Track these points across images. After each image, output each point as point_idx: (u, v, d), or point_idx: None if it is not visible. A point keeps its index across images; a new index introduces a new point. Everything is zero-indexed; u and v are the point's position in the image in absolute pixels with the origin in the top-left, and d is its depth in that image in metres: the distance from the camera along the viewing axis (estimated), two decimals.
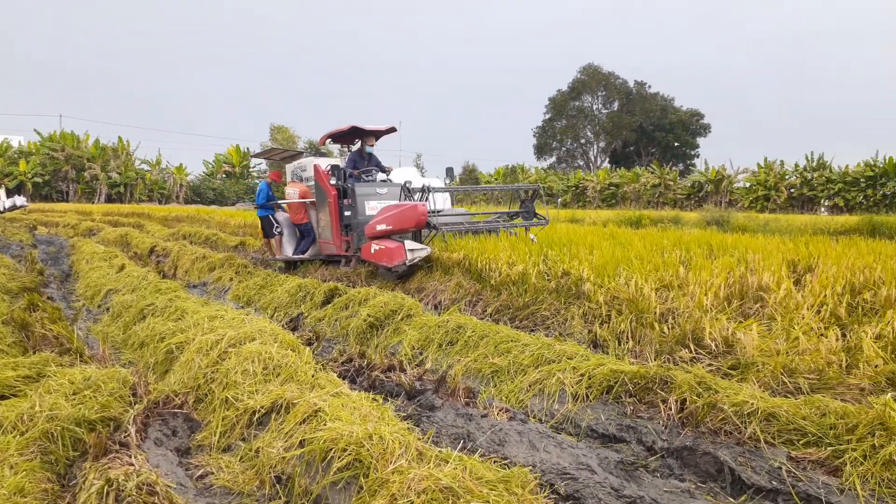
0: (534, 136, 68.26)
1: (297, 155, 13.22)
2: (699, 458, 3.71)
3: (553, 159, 67.46)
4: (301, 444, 3.54)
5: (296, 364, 4.63)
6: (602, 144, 65.59)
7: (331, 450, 3.27)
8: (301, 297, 8.70)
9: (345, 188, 10.92)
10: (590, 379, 4.65)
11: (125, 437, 3.68)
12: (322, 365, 5.16)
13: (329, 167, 11.33)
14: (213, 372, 4.75)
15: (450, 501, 2.61)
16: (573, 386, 4.63)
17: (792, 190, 34.24)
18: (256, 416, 4.10)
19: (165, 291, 8.41)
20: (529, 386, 4.89)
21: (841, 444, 3.43)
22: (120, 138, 50.83)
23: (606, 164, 62.24)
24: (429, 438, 3.93)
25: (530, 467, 3.47)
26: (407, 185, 10.08)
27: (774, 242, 9.85)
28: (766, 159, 36.18)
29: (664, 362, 5.11)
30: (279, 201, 12.82)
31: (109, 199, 48.05)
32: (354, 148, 12.57)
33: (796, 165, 34.71)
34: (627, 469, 3.52)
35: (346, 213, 10.79)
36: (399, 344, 6.44)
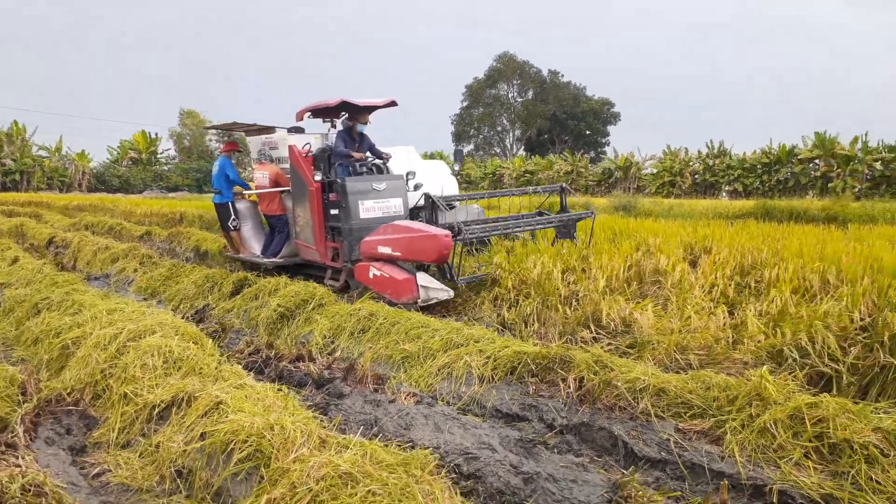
0: (452, 123, 68.60)
1: (267, 129, 10.05)
2: (595, 433, 3.88)
3: (471, 147, 68.02)
4: (202, 436, 3.48)
5: (198, 357, 4.53)
6: (518, 132, 66.62)
7: (232, 441, 3.24)
8: (208, 288, 8.47)
9: (331, 182, 8.38)
10: (495, 361, 4.77)
11: (12, 437, 3.52)
12: (227, 357, 5.07)
13: (308, 148, 8.88)
14: (111, 367, 4.58)
15: (349, 486, 2.65)
16: (480, 368, 4.74)
17: (696, 176, 35.88)
18: (157, 410, 4.00)
19: (63, 284, 7.99)
20: (438, 370, 4.97)
21: (723, 415, 3.67)
22: (15, 122, 47.60)
23: (522, 152, 63.30)
24: (335, 426, 3.94)
25: (433, 449, 3.54)
26: (426, 194, 7.93)
27: (675, 227, 10.35)
28: (669, 147, 37.77)
29: (566, 343, 5.30)
30: (248, 191, 10.39)
31: (4, 188, 45.06)
32: (339, 126, 9.79)
33: (699, 152, 36.37)
34: (527, 447, 3.65)
35: (333, 213, 8.34)
36: (310, 333, 6.39)
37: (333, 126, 9.73)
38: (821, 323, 4.74)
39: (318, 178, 8.46)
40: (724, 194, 35.26)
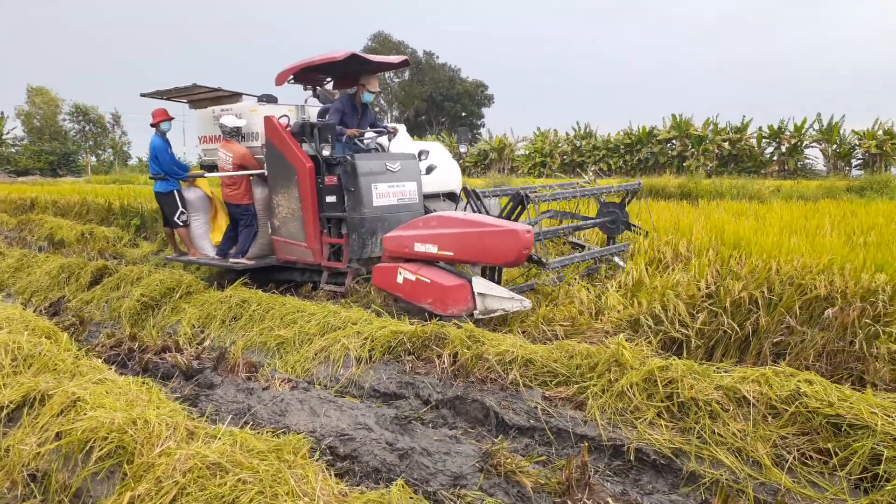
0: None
1: (231, 97, 7.99)
2: (469, 405, 4.01)
3: None
4: (58, 436, 3.26)
5: (52, 352, 4.23)
6: (396, 113, 66.50)
7: (91, 440, 3.06)
8: (64, 279, 7.89)
9: (332, 159, 6.72)
10: (373, 342, 4.80)
11: None
12: (86, 351, 4.77)
13: (287, 121, 7.27)
14: None
15: (217, 477, 2.58)
16: (357, 350, 4.75)
17: (564, 156, 37.42)
18: (5, 412, 3.70)
19: None
20: (315, 354, 4.92)
21: (585, 382, 3.89)
22: None
23: None
24: (205, 417, 3.82)
25: (309, 433, 3.53)
26: (466, 189, 6.28)
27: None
28: (539, 128, 39.14)
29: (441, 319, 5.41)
30: (208, 174, 7.98)
31: None
32: (325, 94, 8.19)
33: (567, 134, 37.92)
34: (402, 424, 3.71)
35: (329, 200, 6.84)
36: (178, 323, 6.13)
37: (317, 95, 8.36)
38: (672, 292, 5.13)
39: (325, 152, 6.57)
40: (590, 174, 37.02)
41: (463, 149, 8.33)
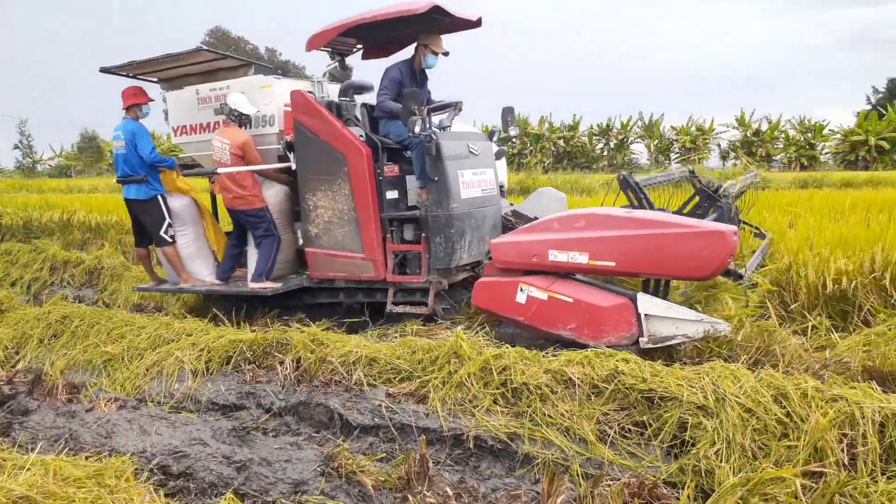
0: (164, 100, 63.39)
1: (237, 69, 6.33)
2: (313, 410, 3.96)
3: None
4: None
5: None
6: None
7: None
8: None
9: (405, 142, 5.55)
10: (209, 353, 4.60)
11: None
12: None
13: (322, 95, 5.96)
14: None
15: None
16: (193, 362, 4.53)
17: None
18: None
19: None
20: (147, 370, 4.64)
21: (426, 376, 3.98)
22: None
23: None
24: (17, 447, 3.49)
25: (138, 454, 3.32)
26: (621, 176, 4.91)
27: None
28: None
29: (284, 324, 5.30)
30: (225, 169, 5.80)
31: None
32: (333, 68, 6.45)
33: None
34: (240, 435, 3.60)
35: (390, 196, 5.58)
36: None
37: (344, 67, 6.49)
38: None
39: (417, 128, 5.03)
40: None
41: (513, 131, 6.64)
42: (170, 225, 6.19)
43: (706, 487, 2.92)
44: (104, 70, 6.31)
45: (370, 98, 6.07)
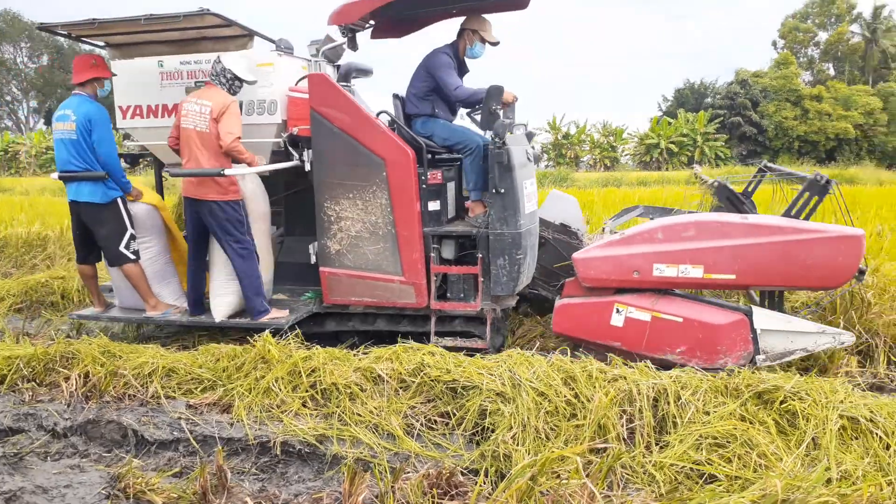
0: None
1: (233, 40, 4.93)
2: (104, 428, 3.64)
3: None
4: None
5: None
6: (34, 104, 57.59)
7: None
8: None
9: (456, 146, 4.94)
10: None
11: None
12: None
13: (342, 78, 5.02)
14: None
15: None
16: None
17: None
18: None
19: None
20: None
21: (231, 384, 3.81)
22: None
23: (42, 126, 55.02)
24: None
25: None
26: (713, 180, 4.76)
27: None
28: None
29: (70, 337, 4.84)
30: (202, 171, 4.51)
31: None
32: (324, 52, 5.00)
33: None
34: (12, 462, 3.22)
35: (432, 208, 4.77)
36: None
37: (354, 46, 5.18)
38: None
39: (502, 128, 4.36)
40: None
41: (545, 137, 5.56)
42: (132, 237, 4.83)
43: (505, 471, 3.07)
44: (42, 27, 4.88)
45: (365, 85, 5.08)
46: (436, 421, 3.48)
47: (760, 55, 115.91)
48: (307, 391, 3.66)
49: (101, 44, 5.20)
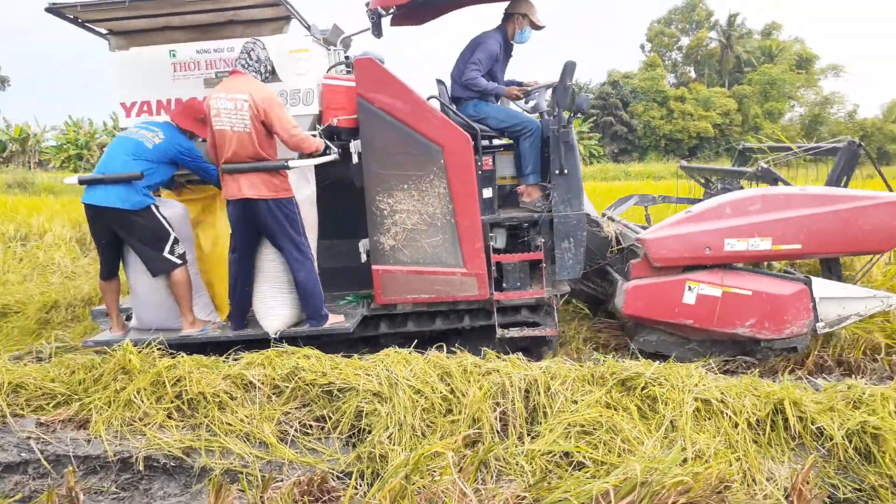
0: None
1: (268, 23, 4.38)
2: None
3: None
4: None
5: None
6: None
7: None
8: None
9: (512, 129, 4.80)
10: None
11: None
12: None
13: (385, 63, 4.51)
14: None
15: None
16: None
17: (103, 149, 34.07)
18: None
19: None
20: None
21: (89, 397, 3.55)
22: None
23: None
24: None
25: None
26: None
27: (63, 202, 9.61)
28: (71, 117, 34.84)
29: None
30: (273, 163, 4.07)
31: None
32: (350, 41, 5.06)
33: (105, 124, 34.56)
34: None
35: (486, 195, 4.66)
36: None
37: (379, 33, 4.77)
38: None
39: (584, 107, 4.35)
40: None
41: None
42: (176, 241, 4.23)
43: (382, 472, 3.04)
44: (51, 9, 4.06)
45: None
46: (311, 426, 3.39)
47: (630, 57, 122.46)
48: (172, 402, 3.47)
49: (104, 31, 4.50)
